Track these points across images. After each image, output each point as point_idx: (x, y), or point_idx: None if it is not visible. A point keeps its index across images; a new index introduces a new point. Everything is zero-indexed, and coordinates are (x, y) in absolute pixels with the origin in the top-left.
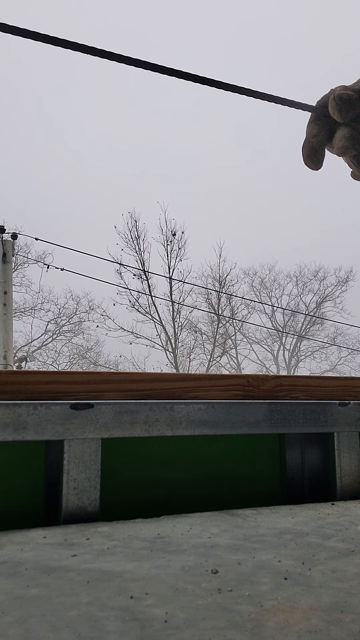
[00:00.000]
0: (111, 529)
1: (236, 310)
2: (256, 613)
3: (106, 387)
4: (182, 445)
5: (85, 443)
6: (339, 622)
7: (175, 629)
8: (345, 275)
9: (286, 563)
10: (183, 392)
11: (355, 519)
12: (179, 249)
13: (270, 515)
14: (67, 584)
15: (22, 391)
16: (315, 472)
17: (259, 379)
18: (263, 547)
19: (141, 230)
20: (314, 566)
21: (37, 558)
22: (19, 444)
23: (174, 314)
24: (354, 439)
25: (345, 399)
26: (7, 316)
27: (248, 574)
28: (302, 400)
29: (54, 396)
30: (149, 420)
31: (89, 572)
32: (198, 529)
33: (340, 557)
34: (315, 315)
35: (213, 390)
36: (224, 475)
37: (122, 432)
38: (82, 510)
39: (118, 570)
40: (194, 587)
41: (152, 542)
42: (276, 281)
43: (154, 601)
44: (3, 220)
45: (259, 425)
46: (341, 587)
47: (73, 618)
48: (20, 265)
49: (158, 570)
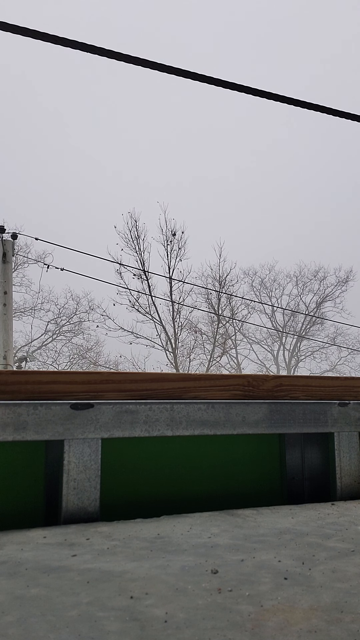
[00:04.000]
0: (111, 529)
1: (236, 310)
2: (256, 613)
3: (106, 387)
4: (182, 445)
5: (85, 443)
6: (339, 622)
7: (175, 629)
8: (345, 275)
9: (286, 563)
10: (183, 392)
11: (355, 519)
12: (179, 249)
13: (270, 515)
14: (67, 584)
15: (22, 391)
16: (315, 472)
17: (259, 379)
18: (263, 547)
19: (141, 230)
20: (314, 566)
21: (37, 558)
22: (19, 444)
23: (174, 314)
24: (354, 439)
25: (345, 399)
26: (7, 316)
27: (248, 574)
28: (302, 400)
29: (54, 396)
30: (149, 420)
31: (89, 572)
32: (198, 529)
33: (340, 557)
34: (315, 315)
35: (213, 390)
36: (224, 475)
37: (122, 432)
38: (82, 510)
39: (118, 570)
40: (194, 587)
41: (152, 542)
42: (276, 281)
43: (154, 601)
44: (3, 220)
45: (259, 425)
46: (341, 587)
47: (73, 618)
48: (20, 265)
49: (158, 570)
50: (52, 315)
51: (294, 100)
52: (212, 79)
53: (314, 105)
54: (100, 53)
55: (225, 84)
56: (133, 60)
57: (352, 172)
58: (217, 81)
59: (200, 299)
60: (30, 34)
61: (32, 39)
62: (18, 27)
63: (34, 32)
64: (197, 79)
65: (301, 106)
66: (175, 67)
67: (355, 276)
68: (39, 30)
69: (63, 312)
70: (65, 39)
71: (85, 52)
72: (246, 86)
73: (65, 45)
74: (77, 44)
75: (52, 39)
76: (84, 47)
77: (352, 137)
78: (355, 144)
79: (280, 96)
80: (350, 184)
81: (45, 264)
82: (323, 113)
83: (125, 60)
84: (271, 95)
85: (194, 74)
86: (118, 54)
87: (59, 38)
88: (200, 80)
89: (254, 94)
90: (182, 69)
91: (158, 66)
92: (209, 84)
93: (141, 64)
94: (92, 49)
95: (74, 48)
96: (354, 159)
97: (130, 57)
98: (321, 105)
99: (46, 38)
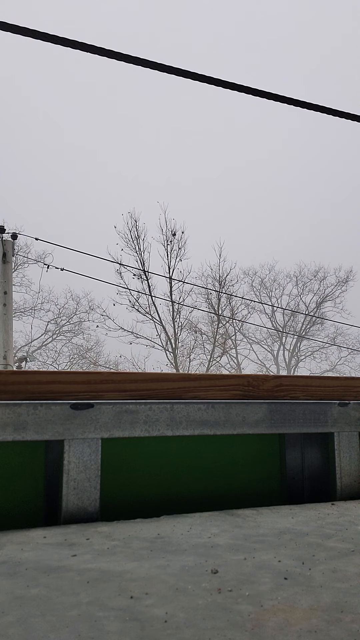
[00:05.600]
0: (111, 529)
1: (236, 310)
2: (256, 613)
3: (106, 387)
4: (182, 445)
5: (85, 443)
6: (339, 622)
7: (175, 629)
8: (345, 275)
9: (286, 563)
10: (183, 392)
11: (355, 519)
12: (179, 249)
13: (270, 515)
14: (67, 584)
15: (22, 391)
16: (315, 472)
17: (259, 379)
18: (263, 547)
19: (141, 230)
20: (314, 566)
21: (37, 558)
22: (19, 444)
23: (174, 314)
24: (354, 439)
25: (345, 399)
26: (7, 316)
27: (248, 574)
28: (302, 400)
29: (54, 396)
30: (149, 420)
31: (89, 572)
32: (198, 529)
33: (340, 557)
34: (315, 315)
35: (213, 390)
36: (224, 475)
37: (122, 432)
38: (82, 510)
39: (118, 570)
40: (194, 587)
41: (152, 542)
42: (276, 281)
43: (154, 601)
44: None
45: (259, 425)
46: (341, 587)
47: (73, 618)
48: (20, 265)
49: (158, 570)
50: (52, 315)
51: (294, 100)
52: (212, 79)
53: (314, 105)
54: (101, 53)
55: (225, 84)
56: (133, 60)
57: (352, 172)
58: (217, 81)
59: (200, 299)
60: (30, 34)
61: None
62: (18, 27)
63: (34, 32)
64: (197, 79)
65: (301, 106)
66: (175, 67)
67: (355, 276)
68: (39, 30)
69: (63, 312)
70: (66, 39)
71: (85, 52)
72: (246, 86)
73: (65, 45)
74: (77, 44)
75: (52, 39)
76: (84, 47)
77: (352, 137)
78: (356, 144)
79: (280, 96)
80: (350, 184)
81: (45, 264)
82: (323, 113)
83: (125, 60)
84: (271, 95)
85: (194, 74)
86: (118, 54)
87: (59, 38)
88: (200, 80)
89: (254, 94)
90: (182, 69)
91: (158, 66)
92: (209, 84)
93: (141, 64)
94: (92, 49)
95: (74, 48)
96: (354, 160)
97: (130, 57)
98: (321, 105)
99: (46, 38)
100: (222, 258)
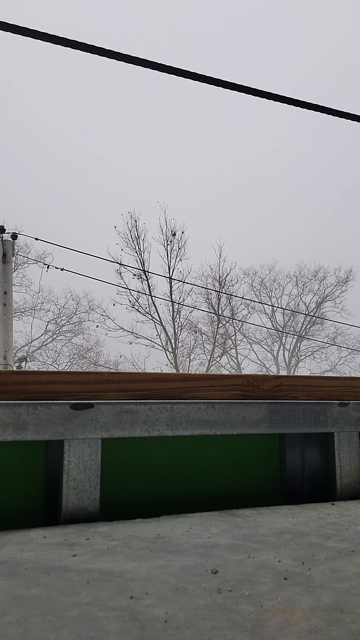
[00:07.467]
0: (111, 529)
1: (236, 310)
2: (256, 613)
3: (106, 387)
4: (182, 445)
5: (85, 443)
6: (339, 622)
7: (175, 629)
8: (345, 275)
9: (286, 563)
10: (183, 392)
11: (355, 519)
12: (178, 249)
13: (270, 515)
14: (67, 584)
15: (22, 391)
16: (315, 472)
17: (259, 379)
18: (263, 547)
19: (141, 230)
20: (314, 566)
21: (37, 558)
22: (19, 444)
23: (174, 314)
24: (354, 439)
25: (345, 399)
26: (7, 316)
27: (248, 574)
28: (302, 400)
29: (54, 396)
30: (149, 420)
31: (89, 572)
32: (198, 529)
33: (340, 557)
34: (315, 315)
35: (213, 390)
36: (224, 475)
37: (122, 432)
38: (82, 510)
39: (118, 570)
40: (194, 587)
41: (152, 542)
42: (276, 281)
43: (154, 601)
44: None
45: (259, 425)
46: (341, 587)
47: (73, 618)
48: (20, 265)
49: (158, 570)
50: (52, 315)
51: (294, 100)
52: (212, 79)
53: (314, 105)
54: (101, 53)
55: (225, 84)
56: (133, 60)
57: (352, 172)
58: (217, 81)
59: (200, 299)
60: (30, 34)
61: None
62: (18, 27)
63: (34, 32)
64: (197, 79)
65: (301, 106)
66: (175, 67)
67: (355, 276)
68: (39, 30)
69: (63, 312)
70: (66, 39)
71: (85, 52)
72: (246, 86)
73: (65, 45)
74: (77, 44)
75: (52, 39)
76: (84, 47)
77: (352, 137)
78: (356, 144)
79: (280, 96)
80: (350, 184)
81: (45, 264)
82: (323, 113)
83: (125, 60)
84: (271, 95)
85: (194, 74)
86: (118, 54)
87: (59, 38)
88: (200, 80)
89: (254, 94)
90: (182, 69)
91: (158, 66)
92: (209, 84)
93: (141, 64)
94: (92, 49)
95: (74, 48)
96: (354, 160)
97: (130, 57)
98: (321, 105)
99: (46, 38)
100: (222, 258)
